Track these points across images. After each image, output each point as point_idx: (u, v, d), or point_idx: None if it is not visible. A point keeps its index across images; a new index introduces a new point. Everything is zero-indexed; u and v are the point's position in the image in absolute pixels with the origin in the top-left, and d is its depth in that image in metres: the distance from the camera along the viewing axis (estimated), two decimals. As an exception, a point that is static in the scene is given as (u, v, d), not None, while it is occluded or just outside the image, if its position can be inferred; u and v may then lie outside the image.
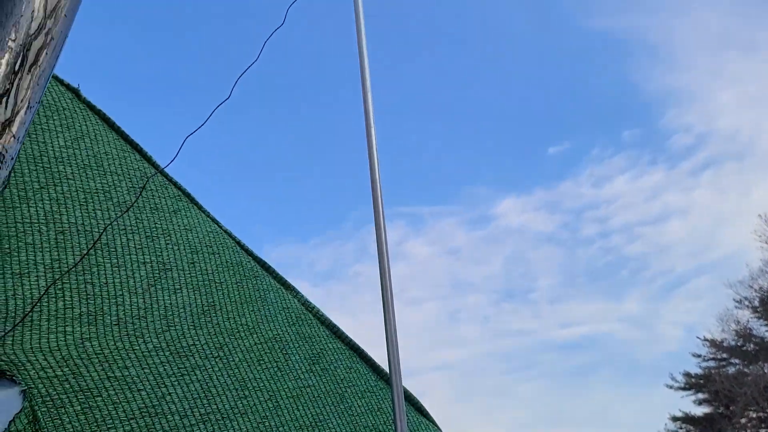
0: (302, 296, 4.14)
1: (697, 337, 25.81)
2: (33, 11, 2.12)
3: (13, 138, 1.97)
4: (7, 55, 2.00)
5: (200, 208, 4.11)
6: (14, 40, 2.03)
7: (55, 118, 3.67)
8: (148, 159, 3.98)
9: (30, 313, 2.98)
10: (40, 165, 3.43)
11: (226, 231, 4.13)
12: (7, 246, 3.12)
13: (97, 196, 3.55)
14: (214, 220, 4.14)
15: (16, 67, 2.01)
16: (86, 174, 3.59)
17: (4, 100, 1.95)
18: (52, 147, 3.55)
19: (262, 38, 4.08)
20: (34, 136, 3.50)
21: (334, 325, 4.09)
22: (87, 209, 3.44)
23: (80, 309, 3.11)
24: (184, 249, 3.73)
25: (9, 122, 1.95)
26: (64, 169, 3.52)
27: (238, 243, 4.15)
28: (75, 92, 3.94)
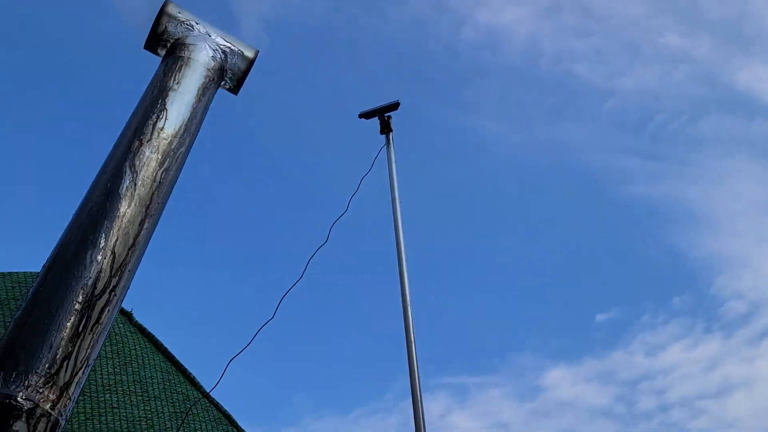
0: None
1: None
2: (100, 271, 2.29)
3: (69, 400, 2.03)
4: (72, 318, 2.12)
5: (240, 430, 4.03)
6: (80, 302, 2.17)
7: (107, 344, 3.79)
8: (192, 381, 4.01)
9: None
10: (88, 395, 3.48)
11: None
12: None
13: (140, 425, 3.54)
14: (253, 443, 4.04)
15: (80, 329, 2.12)
16: (131, 401, 3.61)
17: (66, 363, 2.04)
18: (101, 374, 3.63)
19: (305, 256, 4.26)
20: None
21: None
22: (129, 440, 3.42)
23: None
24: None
25: (67, 385, 2.02)
26: (110, 397, 3.56)
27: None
28: (128, 316, 4.10)
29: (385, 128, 5.10)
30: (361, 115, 5.26)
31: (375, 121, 5.16)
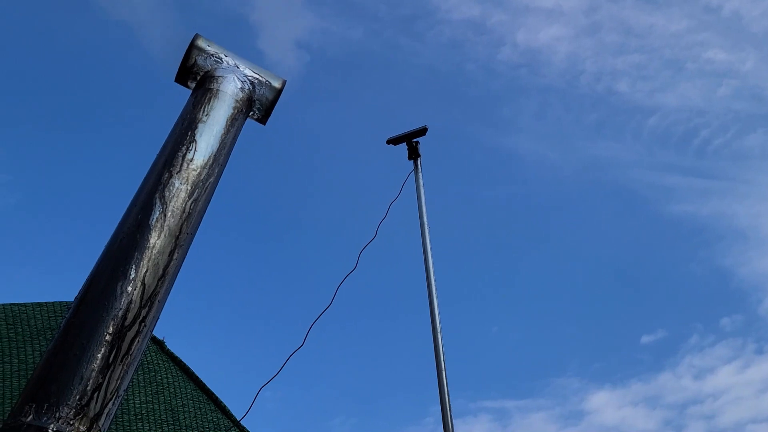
0: None
1: None
2: (130, 302, 2.31)
3: (99, 431, 2.04)
4: (103, 349, 2.15)
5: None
6: (111, 334, 2.19)
7: (139, 372, 3.83)
8: (223, 409, 4.01)
9: None
10: (121, 424, 3.50)
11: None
12: None
13: (171, 454, 3.54)
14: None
15: (110, 360, 2.14)
16: (162, 430, 3.63)
17: (96, 394, 2.05)
18: (134, 403, 3.66)
19: (335, 283, 4.26)
20: (118, 392, 3.62)
21: None
22: (160, 469, 3.42)
23: None
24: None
25: (97, 417, 2.03)
26: (143, 426, 3.58)
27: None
28: (160, 344, 4.14)
29: (413, 154, 5.11)
30: (389, 141, 5.27)
31: (404, 146, 5.18)
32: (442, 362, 3.86)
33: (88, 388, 2.04)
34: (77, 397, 2.01)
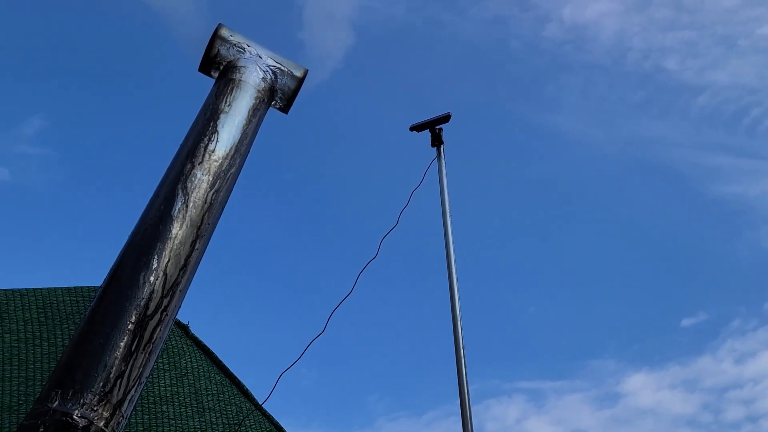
0: None
1: None
2: (153, 292, 2.37)
3: (122, 417, 2.11)
4: (126, 338, 2.21)
5: (292, 442, 4.09)
6: (133, 322, 2.25)
7: (164, 356, 3.92)
8: (246, 393, 4.10)
9: None
10: (146, 406, 3.60)
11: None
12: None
13: (195, 436, 3.64)
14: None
15: (132, 348, 2.20)
16: (186, 412, 3.72)
17: (119, 382, 2.12)
18: (159, 386, 3.75)
19: (356, 270, 4.28)
20: (144, 375, 3.72)
21: None
22: (184, 450, 3.51)
23: None
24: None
25: (120, 403, 2.10)
26: (167, 408, 3.67)
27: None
28: (184, 329, 4.23)
29: (436, 141, 5.09)
30: (412, 128, 5.25)
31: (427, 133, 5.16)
32: (462, 351, 3.88)
33: (111, 375, 2.10)
34: (101, 384, 2.07)
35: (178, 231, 2.53)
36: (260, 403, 4.03)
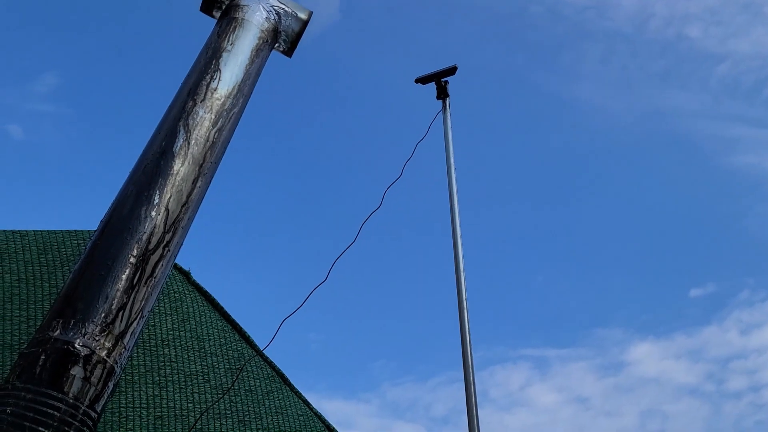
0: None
1: None
2: (154, 227, 2.35)
3: (124, 349, 2.11)
4: (127, 271, 2.19)
5: (293, 389, 4.14)
6: (135, 256, 2.23)
7: (165, 301, 3.93)
8: (247, 339, 4.12)
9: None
10: (148, 348, 3.62)
11: (316, 414, 4.11)
12: None
13: (196, 379, 3.67)
14: (305, 402, 4.14)
15: (134, 281, 2.19)
16: (188, 356, 3.74)
17: (121, 313, 2.11)
18: (161, 330, 3.77)
19: (359, 220, 4.27)
20: (145, 319, 3.73)
21: None
22: (186, 393, 3.55)
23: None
24: (275, 434, 3.72)
25: (122, 334, 2.10)
26: (169, 351, 3.69)
27: (328, 426, 4.09)
28: (186, 275, 4.23)
29: (442, 93, 5.02)
30: (417, 80, 5.18)
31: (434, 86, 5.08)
32: (465, 308, 3.87)
33: (113, 306, 2.10)
34: (103, 315, 2.06)
35: (179, 167, 2.50)
36: (261, 349, 4.06)
